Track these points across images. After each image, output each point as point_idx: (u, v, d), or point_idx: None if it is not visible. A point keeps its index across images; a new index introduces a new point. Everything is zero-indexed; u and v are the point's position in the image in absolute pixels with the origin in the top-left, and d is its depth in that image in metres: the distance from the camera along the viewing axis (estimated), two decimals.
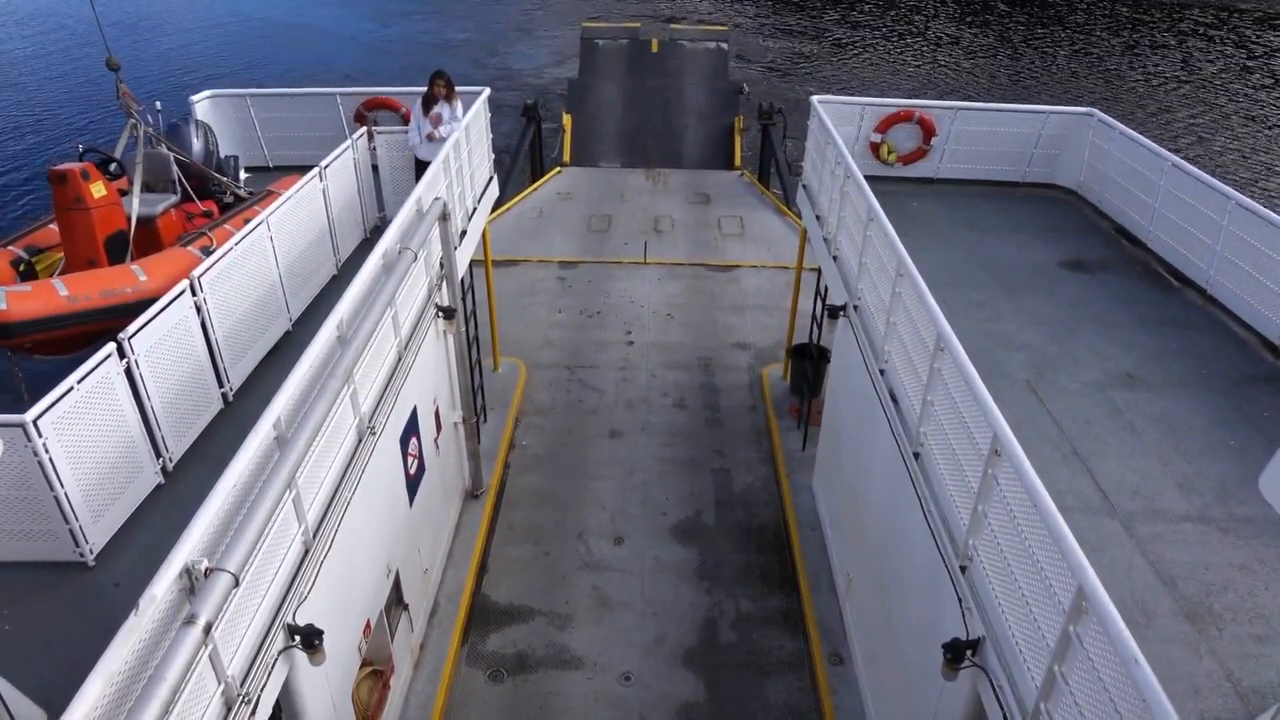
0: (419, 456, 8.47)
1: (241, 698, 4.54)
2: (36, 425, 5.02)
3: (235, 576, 4.17)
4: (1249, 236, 8.52)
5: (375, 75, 34.09)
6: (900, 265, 7.12)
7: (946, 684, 5.37)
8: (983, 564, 5.26)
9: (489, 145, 12.30)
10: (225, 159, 10.73)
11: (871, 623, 8.27)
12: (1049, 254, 10.23)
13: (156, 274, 7.81)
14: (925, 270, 6.86)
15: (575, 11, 45.72)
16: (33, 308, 7.10)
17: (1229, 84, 36.32)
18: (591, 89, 23.57)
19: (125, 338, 5.82)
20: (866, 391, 8.07)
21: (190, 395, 6.71)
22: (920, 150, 12.24)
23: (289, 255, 8.36)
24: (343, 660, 6.39)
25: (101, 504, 5.69)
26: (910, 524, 6.56)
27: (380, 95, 12.49)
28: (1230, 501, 6.36)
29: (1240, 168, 27.18)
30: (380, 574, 7.35)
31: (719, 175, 21.37)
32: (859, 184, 8.73)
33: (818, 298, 11.53)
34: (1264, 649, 5.23)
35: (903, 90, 34.06)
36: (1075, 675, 4.08)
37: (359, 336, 6.31)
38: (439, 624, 9.20)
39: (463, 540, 10.34)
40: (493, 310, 13.38)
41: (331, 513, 5.96)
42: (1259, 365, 8.12)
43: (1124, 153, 10.86)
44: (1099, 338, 8.44)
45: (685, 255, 17.41)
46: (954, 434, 5.84)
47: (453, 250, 9.41)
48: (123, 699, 3.65)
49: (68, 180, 7.79)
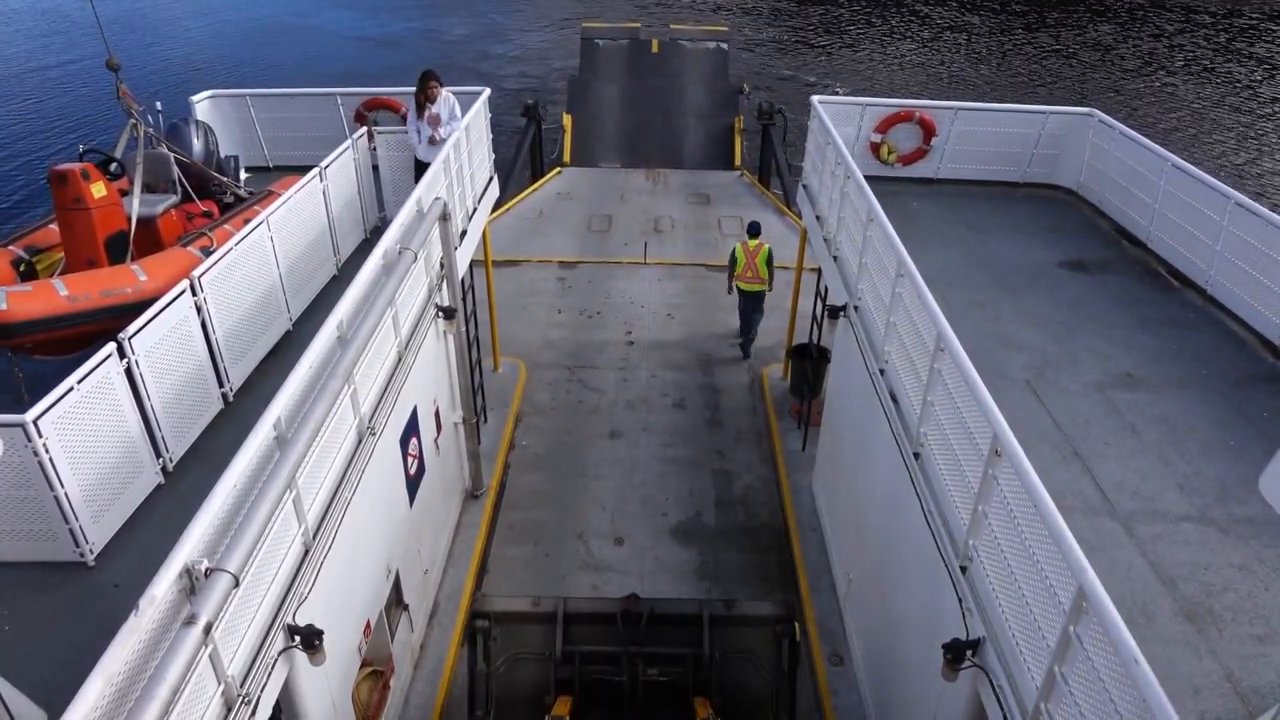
0: (419, 457, 8.48)
1: (241, 698, 4.54)
2: (36, 425, 5.02)
3: (235, 577, 4.17)
4: (1249, 236, 8.52)
5: (376, 75, 34.11)
6: (900, 265, 7.12)
7: (946, 684, 5.37)
8: (983, 564, 5.27)
9: (489, 145, 12.31)
10: (225, 159, 10.73)
11: (871, 623, 8.27)
12: (1049, 254, 10.23)
13: (157, 274, 7.81)
14: (925, 270, 6.86)
15: (584, 11, 45.73)
16: (33, 308, 7.10)
17: (1229, 84, 36.34)
18: (591, 89, 23.55)
19: (125, 338, 5.82)
20: (866, 392, 8.07)
21: (190, 395, 6.71)
22: (920, 150, 12.24)
23: (289, 255, 8.36)
24: (343, 660, 6.39)
25: (102, 504, 5.69)
26: (910, 524, 6.57)
27: (380, 95, 12.49)
28: (1230, 502, 6.36)
29: (1240, 167, 27.18)
30: (380, 574, 7.35)
31: (719, 175, 21.36)
32: (859, 184, 8.74)
33: (818, 298, 11.53)
34: (1264, 649, 5.23)
35: (903, 90, 34.09)
36: (1075, 675, 4.08)
37: (359, 337, 6.31)
38: (439, 624, 9.20)
39: (463, 540, 10.34)
40: (493, 310, 13.38)
41: (331, 513, 5.96)
42: (1259, 365, 8.12)
43: (1124, 153, 10.87)
44: (1099, 338, 8.44)
45: (685, 255, 17.41)
46: (954, 434, 5.84)
47: (453, 250, 9.41)
48: (123, 699, 3.65)
49: (68, 180, 7.78)
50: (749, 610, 7.08)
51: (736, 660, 7.00)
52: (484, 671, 6.86)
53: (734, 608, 7.05)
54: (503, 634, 6.91)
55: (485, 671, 6.88)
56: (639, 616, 6.85)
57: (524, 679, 7.01)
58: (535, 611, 7.01)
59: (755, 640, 6.98)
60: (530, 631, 6.93)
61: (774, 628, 6.93)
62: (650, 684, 6.92)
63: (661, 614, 6.97)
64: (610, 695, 6.89)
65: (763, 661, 6.98)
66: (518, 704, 6.95)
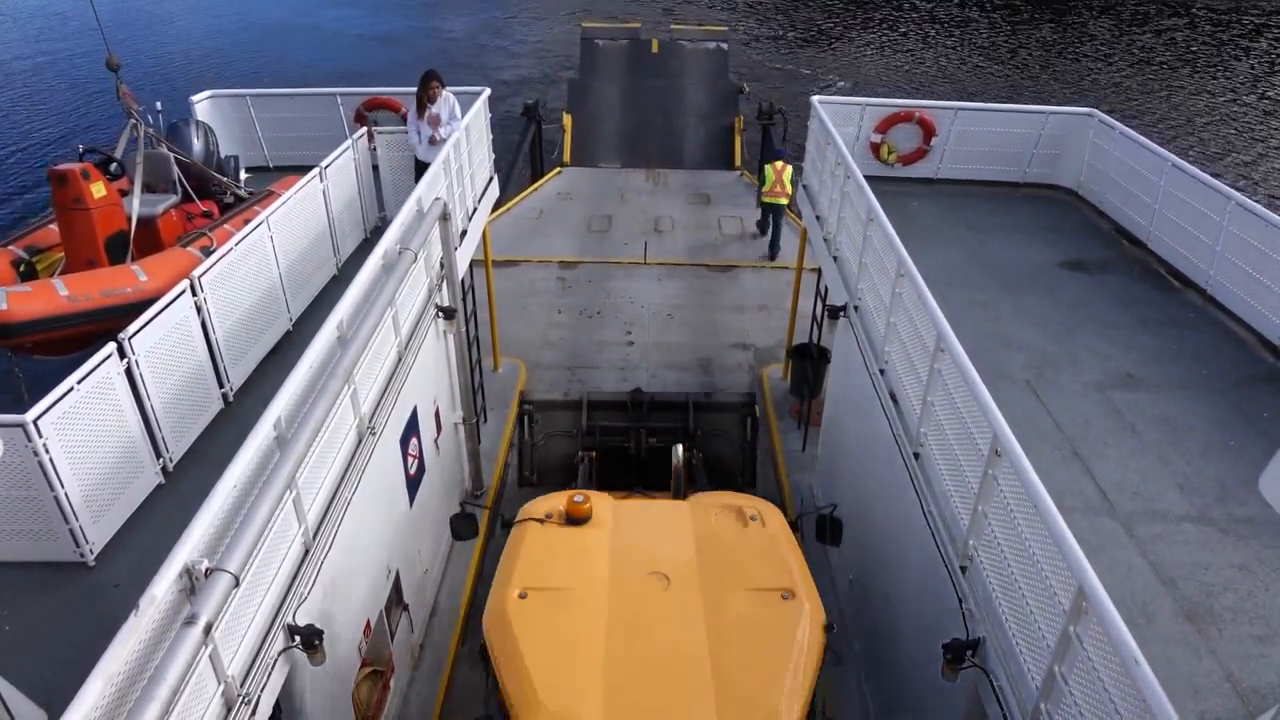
0: (419, 457, 8.47)
1: (241, 698, 4.54)
2: (36, 425, 5.02)
3: (235, 577, 4.17)
4: (1249, 236, 8.51)
5: (376, 73, 34.10)
6: (900, 265, 7.12)
7: (946, 684, 5.37)
8: (983, 564, 5.27)
9: (489, 145, 12.30)
10: (225, 159, 10.73)
11: (871, 623, 8.27)
12: (1049, 254, 10.23)
13: (157, 274, 7.81)
14: (925, 270, 6.86)
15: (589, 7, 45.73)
16: (33, 308, 7.10)
17: (1232, 83, 36.33)
18: (591, 89, 23.55)
19: (125, 338, 5.82)
20: (866, 392, 8.07)
21: (190, 395, 6.71)
22: (920, 150, 12.24)
23: (289, 255, 8.36)
24: (343, 660, 6.39)
25: (102, 504, 5.69)
26: (910, 524, 6.57)
27: (380, 95, 12.48)
28: (1230, 502, 6.36)
29: (1241, 168, 27.18)
30: (380, 574, 7.35)
31: (719, 175, 21.36)
32: (859, 184, 8.74)
33: (818, 298, 11.53)
34: (1264, 649, 5.23)
35: (903, 90, 34.08)
36: (1075, 676, 4.08)
37: (359, 337, 6.31)
38: (439, 624, 9.20)
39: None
40: (493, 310, 13.38)
41: (331, 513, 5.96)
42: (1259, 365, 8.12)
43: (1124, 153, 10.86)
44: (1099, 338, 8.44)
45: (685, 255, 17.40)
46: (954, 434, 5.84)
47: (453, 250, 9.41)
48: (123, 699, 3.65)
49: (68, 180, 7.78)
50: (722, 398, 9.66)
51: (713, 434, 9.60)
52: (530, 444, 9.61)
53: (711, 397, 9.66)
54: (542, 418, 9.45)
55: (531, 444, 9.68)
56: (642, 403, 9.28)
57: (558, 450, 9.78)
58: (565, 400, 9.67)
59: (727, 420, 9.51)
60: (562, 416, 9.38)
61: (740, 410, 9.42)
62: (651, 449, 9.33)
63: (659, 401, 9.41)
64: (621, 457, 9.39)
65: (732, 435, 9.62)
66: (553, 469, 9.76)
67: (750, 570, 5.40)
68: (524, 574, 5.33)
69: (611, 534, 5.73)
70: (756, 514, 5.91)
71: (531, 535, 5.71)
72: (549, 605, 5.09)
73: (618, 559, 5.48)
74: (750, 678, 4.63)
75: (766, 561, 5.50)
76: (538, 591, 5.18)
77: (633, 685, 4.55)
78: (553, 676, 4.60)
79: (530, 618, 4.99)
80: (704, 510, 6.01)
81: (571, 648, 4.81)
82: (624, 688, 4.55)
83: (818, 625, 5.06)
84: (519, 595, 5.15)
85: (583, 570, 5.37)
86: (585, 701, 4.46)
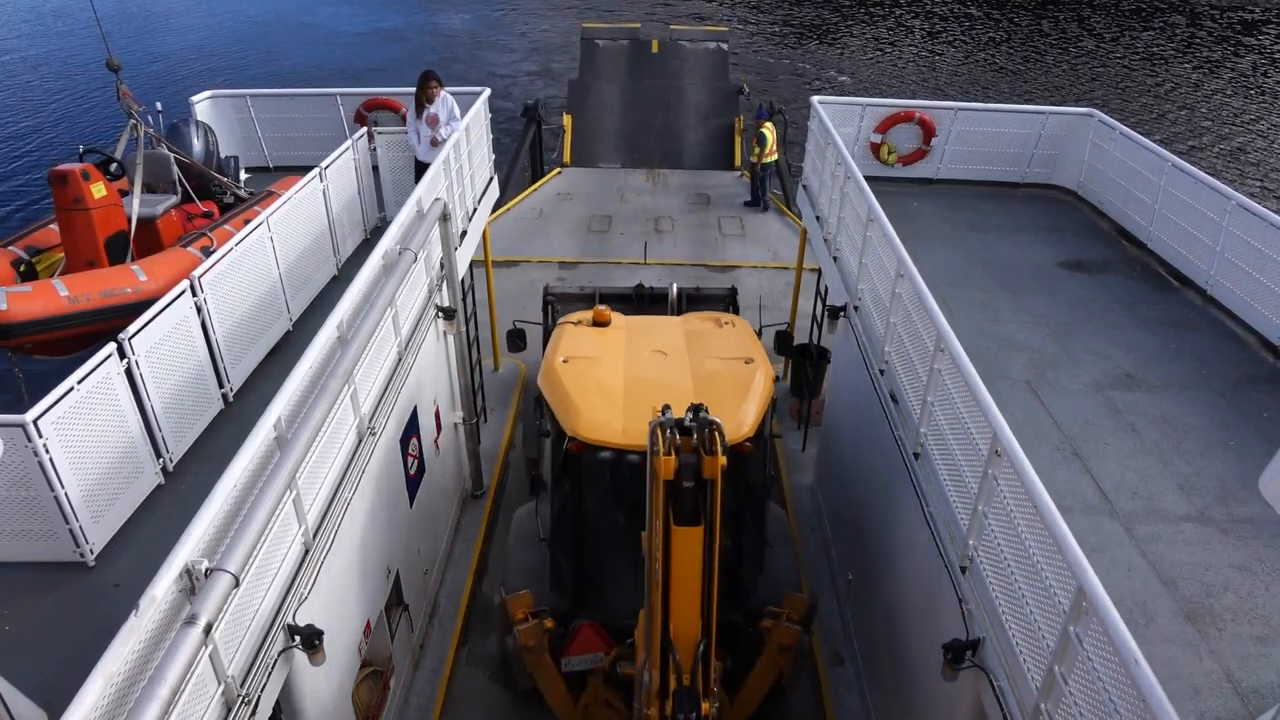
0: (419, 457, 8.48)
1: (241, 698, 4.54)
2: (36, 425, 5.02)
3: (235, 577, 4.17)
4: (1249, 236, 8.52)
5: (376, 71, 34.12)
6: (900, 266, 7.13)
7: (946, 684, 5.37)
8: (983, 564, 5.27)
9: (489, 146, 12.30)
10: (225, 159, 10.73)
11: (871, 623, 8.26)
12: (1049, 254, 10.23)
13: (157, 274, 7.81)
14: (925, 271, 6.87)
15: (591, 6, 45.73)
16: (33, 308, 7.09)
17: (1234, 81, 36.33)
18: (591, 89, 23.54)
19: (125, 338, 5.81)
20: (866, 392, 8.08)
21: (190, 395, 6.71)
22: (920, 151, 12.25)
23: (289, 256, 8.36)
24: (343, 660, 6.39)
25: (102, 504, 5.68)
26: (910, 524, 6.57)
27: (380, 96, 12.48)
28: (1230, 502, 6.36)
29: (1243, 168, 27.18)
30: (380, 574, 7.35)
31: (719, 175, 21.35)
32: (859, 184, 8.74)
33: (818, 298, 11.53)
34: (1264, 649, 5.23)
35: (903, 90, 34.08)
36: (1075, 676, 4.08)
37: (359, 337, 6.31)
38: (439, 624, 9.20)
39: (463, 540, 10.33)
40: (493, 310, 13.38)
41: (331, 513, 5.96)
42: (1259, 365, 8.12)
43: (1124, 153, 10.87)
44: (1099, 338, 8.44)
45: (685, 255, 17.39)
46: (954, 434, 5.84)
47: (453, 251, 9.41)
48: (123, 699, 3.65)
49: (68, 181, 7.78)
50: (707, 291, 10.48)
51: None
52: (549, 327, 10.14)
53: (700, 290, 10.52)
54: (562, 307, 10.11)
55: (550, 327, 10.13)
56: (644, 296, 10.34)
57: None
58: (581, 293, 10.57)
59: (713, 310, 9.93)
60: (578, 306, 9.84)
61: (724, 301, 10.21)
62: None
63: (655, 294, 10.32)
64: None
65: None
66: None
67: (723, 348, 7.65)
68: (565, 349, 7.54)
69: (626, 332, 8.03)
70: (730, 321, 8.38)
71: (569, 330, 8.01)
72: (584, 365, 7.30)
73: (631, 344, 7.76)
74: (723, 399, 6.52)
75: (735, 344, 7.78)
76: (575, 359, 7.39)
77: (641, 406, 6.25)
78: (588, 400, 6.76)
79: (571, 371, 7.19)
80: (691, 319, 8.52)
81: (600, 386, 6.99)
82: (635, 406, 6.60)
83: (768, 378, 7.17)
84: (563, 360, 7.32)
85: (606, 348, 7.64)
86: (609, 412, 6.64)
